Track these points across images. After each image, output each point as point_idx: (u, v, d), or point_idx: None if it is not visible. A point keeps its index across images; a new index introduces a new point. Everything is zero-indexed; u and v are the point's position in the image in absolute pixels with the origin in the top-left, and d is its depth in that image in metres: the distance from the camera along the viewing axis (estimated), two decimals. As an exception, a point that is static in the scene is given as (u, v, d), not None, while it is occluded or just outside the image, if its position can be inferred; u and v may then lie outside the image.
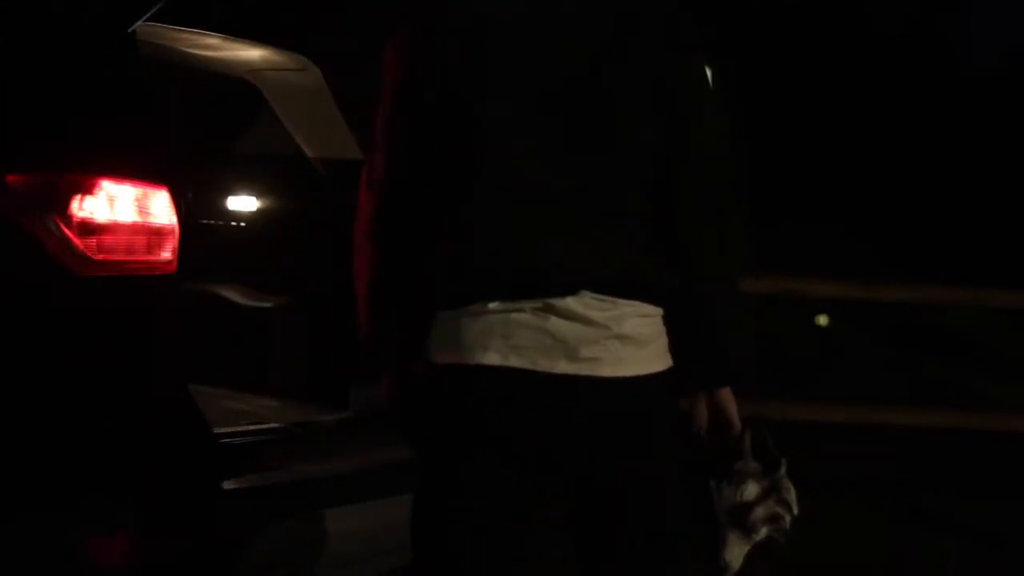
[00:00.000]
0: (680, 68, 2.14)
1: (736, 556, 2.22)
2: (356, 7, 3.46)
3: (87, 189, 2.64)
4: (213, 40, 3.59)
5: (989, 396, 8.10)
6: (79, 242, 2.63)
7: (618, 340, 2.06)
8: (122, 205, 2.68)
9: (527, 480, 2.09)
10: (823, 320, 10.05)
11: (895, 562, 4.59)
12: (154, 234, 2.72)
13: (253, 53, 3.74)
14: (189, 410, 2.77)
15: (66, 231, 2.62)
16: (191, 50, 3.67)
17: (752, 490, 2.22)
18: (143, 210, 2.71)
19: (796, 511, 2.24)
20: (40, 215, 2.62)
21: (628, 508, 2.11)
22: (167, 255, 2.74)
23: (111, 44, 2.88)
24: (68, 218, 2.63)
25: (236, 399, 3.70)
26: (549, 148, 2.06)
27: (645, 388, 2.09)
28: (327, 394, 3.71)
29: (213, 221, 4.23)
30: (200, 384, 3.11)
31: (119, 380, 2.68)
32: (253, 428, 3.19)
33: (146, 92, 2.87)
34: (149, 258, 2.72)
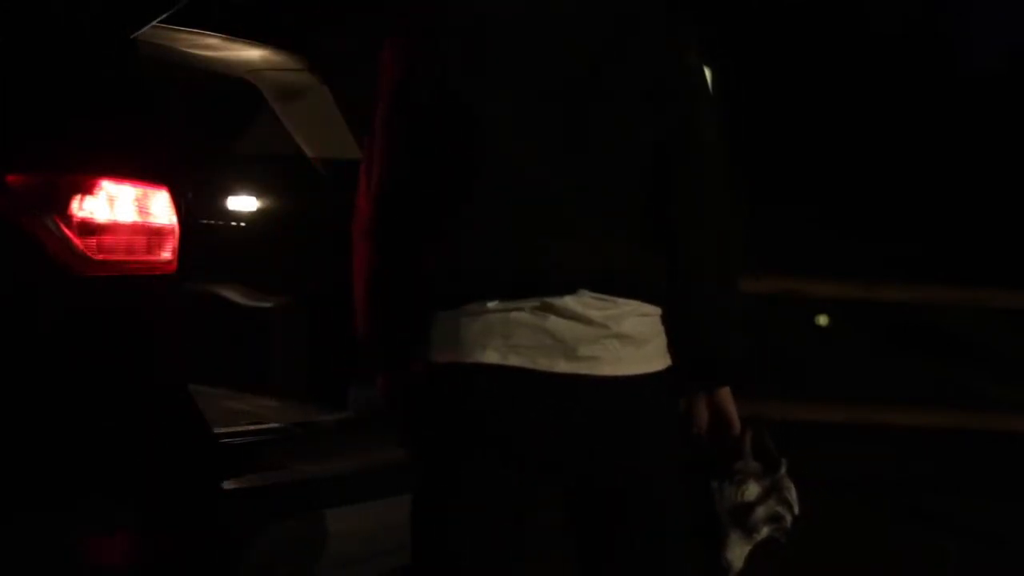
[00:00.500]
0: (679, 68, 2.14)
1: (738, 556, 2.22)
2: (355, 7, 3.46)
3: (87, 189, 2.64)
4: (213, 40, 3.59)
5: (989, 396, 8.10)
6: (79, 242, 2.63)
7: (617, 339, 2.06)
8: (122, 205, 2.68)
9: (527, 479, 2.09)
10: (823, 320, 10.05)
11: (895, 562, 4.59)
12: (154, 234, 2.72)
13: (253, 53, 3.74)
14: (189, 410, 2.77)
15: (66, 231, 2.62)
16: (191, 50, 3.67)
17: (753, 490, 2.22)
18: (143, 210, 2.71)
19: (797, 511, 2.24)
20: (40, 215, 2.62)
21: (627, 507, 2.11)
22: (167, 255, 2.73)
23: (111, 44, 2.88)
24: (68, 218, 2.63)
25: (236, 399, 3.70)
26: (548, 148, 2.06)
27: (644, 387, 2.09)
28: (327, 394, 3.71)
29: (213, 221, 4.24)
30: (200, 384, 3.11)
31: (119, 380, 2.68)
32: (253, 428, 3.19)
33: (146, 92, 2.87)
34: (149, 258, 2.72)
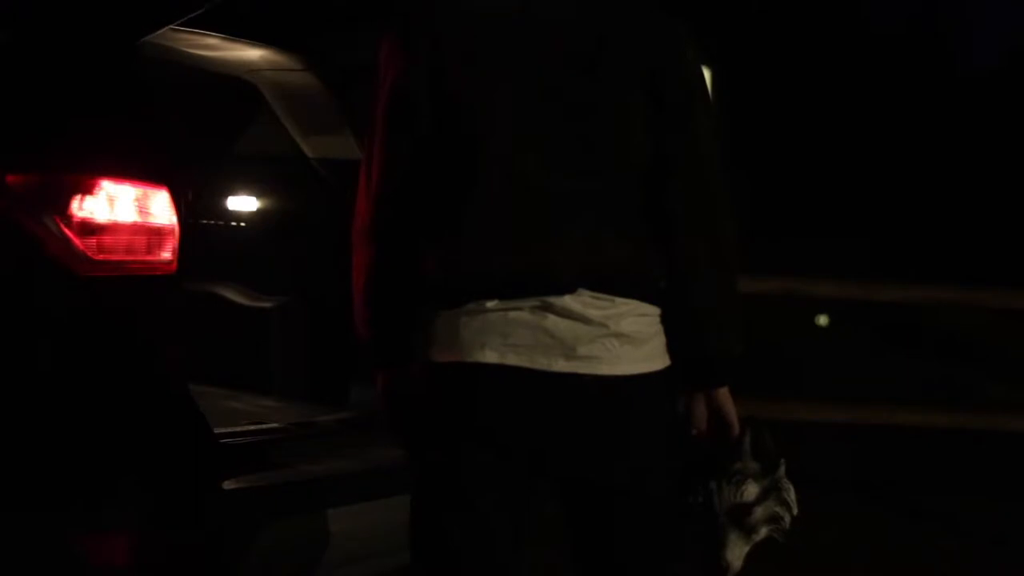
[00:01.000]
0: (678, 67, 2.14)
1: (737, 556, 2.22)
2: (354, 7, 3.46)
3: (87, 189, 2.64)
4: (213, 40, 3.59)
5: (989, 396, 8.10)
6: (79, 242, 2.63)
7: (616, 338, 2.06)
8: (122, 205, 2.68)
9: (526, 478, 2.09)
10: (823, 320, 10.05)
11: (895, 562, 4.59)
12: (154, 234, 2.72)
13: (253, 53, 3.74)
14: (189, 410, 2.77)
15: (66, 231, 2.62)
16: (191, 50, 3.67)
17: (752, 490, 2.22)
18: (143, 210, 2.71)
19: (796, 511, 2.24)
20: (40, 215, 2.62)
21: (624, 506, 2.12)
22: (167, 255, 2.73)
23: (111, 44, 2.88)
24: (68, 218, 2.63)
25: (236, 399, 3.70)
26: (547, 147, 2.06)
27: (643, 387, 2.09)
28: (327, 394, 3.71)
29: (213, 221, 4.24)
30: (200, 384, 3.11)
31: (119, 380, 2.68)
32: (253, 428, 3.19)
33: (146, 92, 2.87)
34: (149, 258, 2.71)
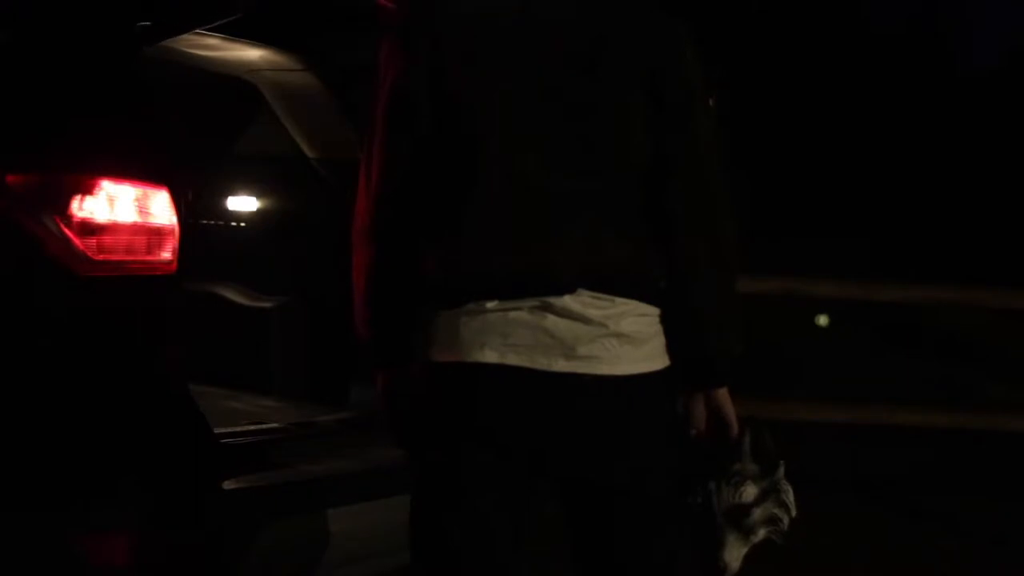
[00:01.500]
0: (676, 68, 2.14)
1: (735, 557, 2.22)
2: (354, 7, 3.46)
3: (87, 189, 2.64)
4: (213, 40, 3.59)
5: (989, 396, 8.10)
6: (79, 242, 2.63)
7: (615, 338, 2.06)
8: (122, 205, 2.68)
9: (525, 478, 2.09)
10: (823, 320, 10.05)
11: (895, 562, 4.59)
12: (154, 234, 2.72)
13: (253, 53, 3.74)
14: (189, 410, 2.77)
15: (66, 231, 2.62)
16: (191, 50, 3.67)
17: (751, 492, 2.22)
18: (143, 210, 2.71)
19: (794, 513, 2.24)
20: (40, 215, 2.62)
21: (623, 505, 2.12)
22: (167, 255, 2.73)
23: (111, 44, 2.88)
24: (68, 218, 2.62)
25: (236, 399, 3.70)
26: (547, 147, 2.06)
27: (643, 386, 2.09)
28: (327, 394, 3.71)
29: (213, 221, 4.24)
30: (200, 384, 3.11)
31: (119, 380, 2.68)
32: (253, 428, 3.19)
33: (146, 92, 2.87)
34: (149, 258, 2.71)
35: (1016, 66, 21.86)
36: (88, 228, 2.64)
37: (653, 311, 2.12)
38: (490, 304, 2.04)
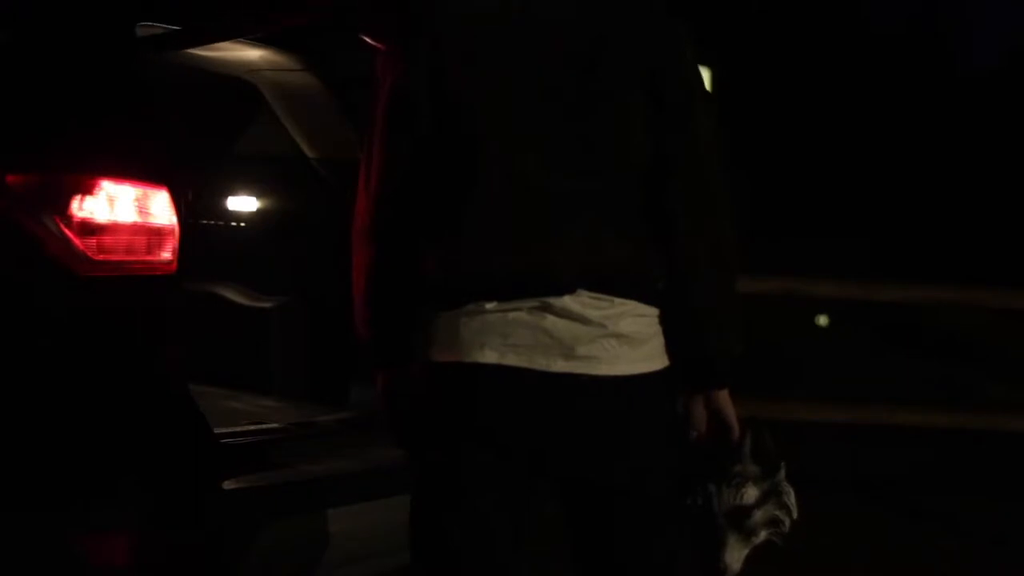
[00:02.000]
0: (676, 68, 2.14)
1: (736, 559, 2.22)
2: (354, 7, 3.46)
3: (87, 189, 2.64)
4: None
5: (989, 396, 8.10)
6: (79, 242, 2.63)
7: (615, 339, 2.06)
8: (122, 205, 2.68)
9: (525, 478, 2.09)
10: (823, 320, 10.05)
11: (895, 562, 4.59)
12: (154, 234, 2.72)
13: (253, 53, 3.74)
14: (189, 410, 2.77)
15: (66, 231, 2.62)
16: (191, 50, 3.67)
17: (751, 493, 2.21)
18: (143, 210, 2.71)
19: (796, 515, 2.24)
20: (40, 215, 2.62)
21: (623, 505, 2.12)
22: (167, 255, 2.73)
23: (111, 44, 2.88)
24: (68, 218, 2.63)
25: (236, 399, 3.70)
26: (547, 147, 2.06)
27: (642, 387, 2.09)
28: (327, 394, 3.71)
29: (213, 221, 4.24)
30: (200, 384, 3.11)
31: (119, 380, 2.68)
32: (253, 428, 3.19)
33: (146, 92, 2.87)
34: (149, 258, 2.72)
35: (1016, 66, 21.87)
36: (88, 228, 2.64)
37: (652, 311, 2.12)
38: (489, 305, 2.04)
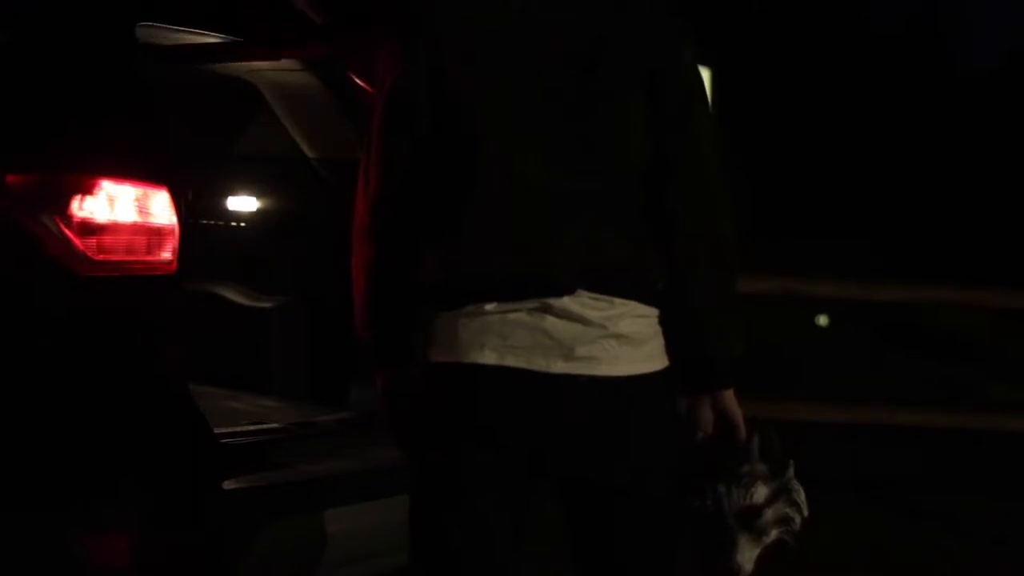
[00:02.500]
0: (676, 68, 2.14)
1: (748, 559, 2.21)
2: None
3: (87, 189, 2.65)
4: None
5: (989, 396, 8.10)
6: (79, 242, 2.63)
7: (615, 339, 2.06)
8: (122, 205, 2.68)
9: (524, 478, 2.09)
10: (823, 320, 10.05)
11: (895, 562, 4.59)
12: (154, 234, 2.72)
13: (253, 53, 3.74)
14: (189, 410, 2.77)
15: (66, 231, 2.62)
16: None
17: (761, 492, 2.20)
18: (143, 210, 2.71)
19: (806, 512, 2.23)
20: (40, 215, 2.62)
21: (623, 505, 2.12)
22: (167, 255, 2.74)
23: (111, 44, 2.88)
24: (68, 218, 2.63)
25: (236, 399, 3.70)
26: (547, 148, 2.06)
27: (642, 387, 2.09)
28: (327, 394, 3.71)
29: (213, 221, 4.24)
30: (200, 384, 3.11)
31: (119, 380, 2.69)
32: (253, 428, 3.19)
33: (146, 92, 2.87)
34: (149, 258, 2.72)
35: (1016, 66, 21.86)
36: (88, 228, 2.64)
37: (652, 312, 2.12)
38: (489, 306, 2.04)
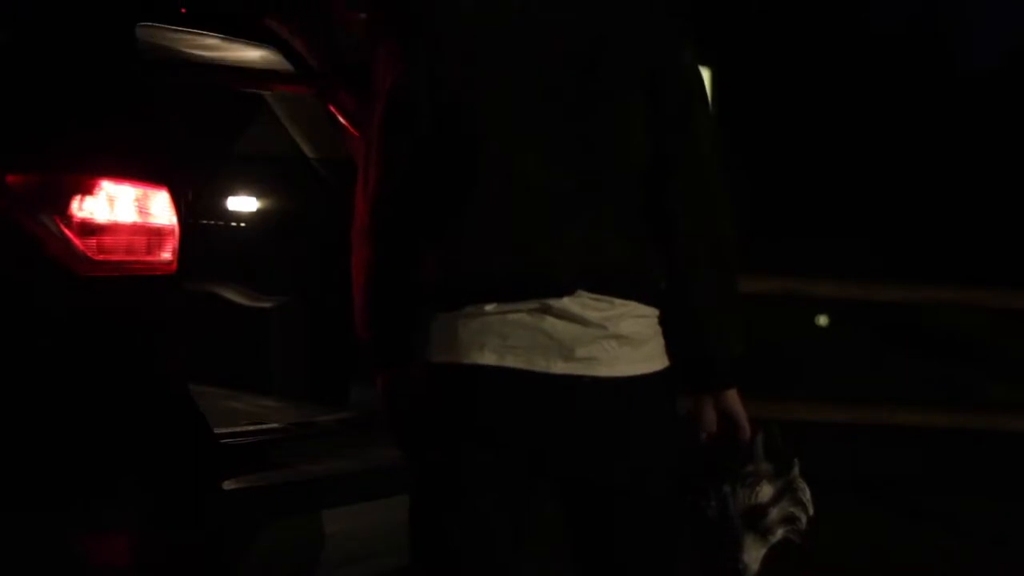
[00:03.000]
0: (676, 68, 2.14)
1: (754, 559, 2.20)
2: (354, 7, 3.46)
3: (87, 189, 2.65)
4: (213, 40, 3.59)
5: (989, 396, 8.10)
6: (79, 242, 2.63)
7: (615, 340, 2.06)
8: (122, 205, 2.68)
9: (524, 478, 2.09)
10: (823, 320, 10.04)
11: (895, 562, 4.59)
12: (154, 234, 2.72)
13: (253, 53, 3.74)
14: (189, 410, 2.77)
15: (66, 231, 2.62)
16: (191, 50, 3.67)
17: (766, 491, 2.20)
18: (143, 210, 2.71)
19: (812, 511, 2.22)
20: (40, 215, 2.62)
21: (623, 505, 2.12)
22: (167, 255, 2.74)
23: (111, 44, 2.88)
24: (68, 218, 2.63)
25: (236, 399, 3.70)
26: (547, 148, 2.06)
27: (642, 387, 2.09)
28: (327, 394, 3.71)
29: (213, 221, 4.24)
30: (200, 384, 3.11)
31: (119, 380, 2.69)
32: (253, 428, 3.19)
33: (146, 92, 2.87)
34: (149, 258, 2.72)
35: (1016, 66, 21.86)
36: (88, 228, 2.64)
37: (652, 312, 2.12)
38: (489, 306, 2.04)
